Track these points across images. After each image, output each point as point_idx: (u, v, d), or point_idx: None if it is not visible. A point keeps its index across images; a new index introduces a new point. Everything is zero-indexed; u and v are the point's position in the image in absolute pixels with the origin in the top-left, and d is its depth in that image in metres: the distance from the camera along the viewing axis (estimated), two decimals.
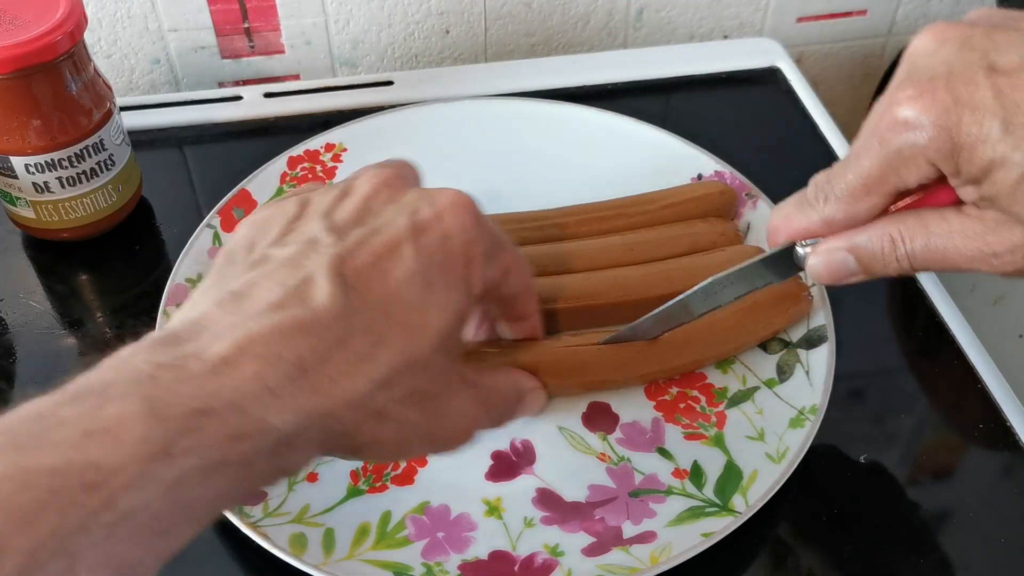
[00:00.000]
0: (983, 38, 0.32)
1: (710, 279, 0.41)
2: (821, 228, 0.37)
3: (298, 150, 0.57)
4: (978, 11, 0.34)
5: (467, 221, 0.34)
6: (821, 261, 0.37)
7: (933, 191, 0.34)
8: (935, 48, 0.33)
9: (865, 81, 0.81)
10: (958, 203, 0.34)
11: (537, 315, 0.43)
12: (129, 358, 0.28)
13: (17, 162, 0.49)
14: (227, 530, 0.40)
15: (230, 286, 0.31)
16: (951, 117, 0.31)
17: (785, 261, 0.39)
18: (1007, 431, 0.46)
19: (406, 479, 0.42)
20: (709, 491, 0.41)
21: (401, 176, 0.37)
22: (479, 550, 0.40)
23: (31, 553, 0.23)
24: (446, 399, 0.34)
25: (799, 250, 0.38)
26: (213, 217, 0.52)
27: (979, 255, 0.33)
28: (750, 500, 0.40)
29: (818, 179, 0.36)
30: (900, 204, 0.35)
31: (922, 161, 0.32)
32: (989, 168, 0.31)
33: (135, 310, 0.51)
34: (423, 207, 0.34)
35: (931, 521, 0.43)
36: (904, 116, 0.32)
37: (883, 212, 0.35)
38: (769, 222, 0.39)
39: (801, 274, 0.48)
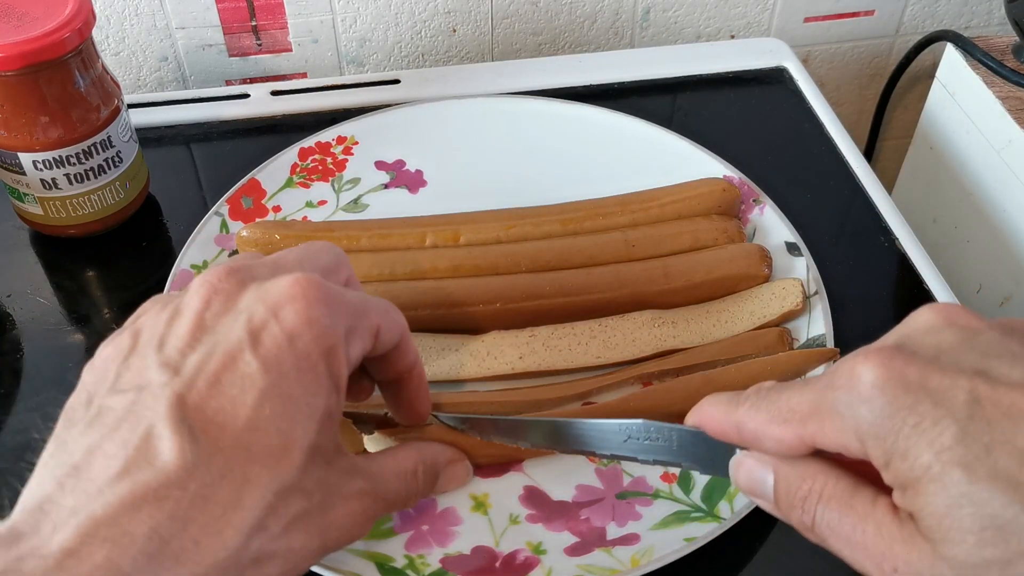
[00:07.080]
0: (994, 341, 0.27)
1: (634, 422, 0.34)
2: (732, 428, 0.31)
3: (310, 142, 0.57)
4: (1003, 319, 0.29)
5: (313, 313, 0.30)
6: (748, 464, 0.31)
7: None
8: (938, 328, 0.28)
9: (872, 81, 0.81)
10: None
11: (418, 378, 0.38)
12: None
13: (25, 158, 0.49)
14: None
15: (71, 457, 0.28)
16: (906, 398, 0.26)
17: (719, 455, 0.33)
18: None
19: None
20: (696, 496, 0.41)
21: (238, 273, 0.32)
22: (462, 544, 0.40)
23: None
24: (332, 508, 0.32)
25: (737, 450, 0.32)
26: (222, 205, 0.53)
27: (878, 562, 0.27)
28: (736, 507, 0.40)
29: (764, 384, 0.32)
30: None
31: (850, 431, 0.27)
32: (920, 478, 0.26)
33: None
34: (256, 309, 0.30)
35: None
36: (861, 374, 0.27)
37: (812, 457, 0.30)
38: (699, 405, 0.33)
39: (803, 281, 0.48)
